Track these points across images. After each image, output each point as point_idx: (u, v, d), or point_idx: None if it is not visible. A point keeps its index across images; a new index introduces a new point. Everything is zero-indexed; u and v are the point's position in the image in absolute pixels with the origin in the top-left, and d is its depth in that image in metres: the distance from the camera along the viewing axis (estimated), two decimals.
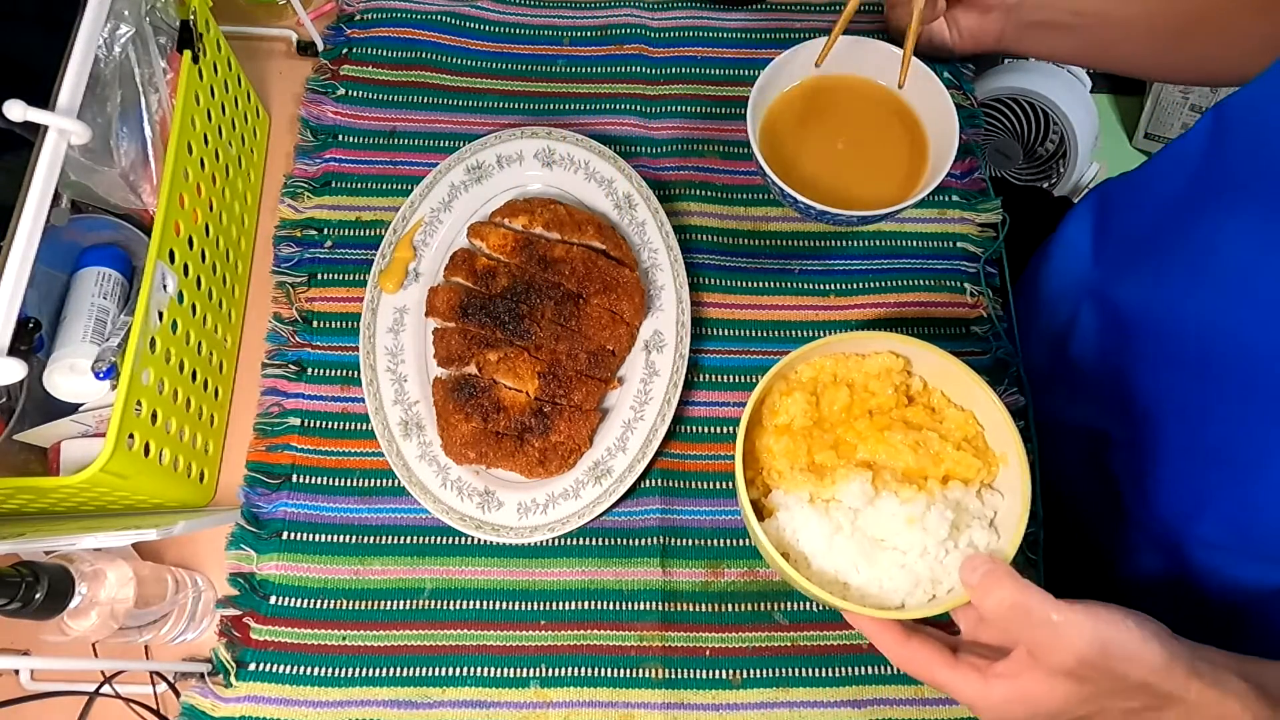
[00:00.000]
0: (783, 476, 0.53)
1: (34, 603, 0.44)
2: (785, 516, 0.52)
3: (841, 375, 0.56)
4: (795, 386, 0.56)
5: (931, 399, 0.56)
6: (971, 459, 0.52)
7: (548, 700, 0.56)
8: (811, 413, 0.55)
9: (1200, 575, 0.56)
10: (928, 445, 0.53)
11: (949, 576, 0.49)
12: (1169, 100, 1.50)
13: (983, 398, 0.52)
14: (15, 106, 0.43)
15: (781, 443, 0.54)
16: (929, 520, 0.50)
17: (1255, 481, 0.50)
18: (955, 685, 0.44)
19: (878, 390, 0.55)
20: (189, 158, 0.57)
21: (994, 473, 0.53)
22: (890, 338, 0.54)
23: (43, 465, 0.57)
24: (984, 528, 0.51)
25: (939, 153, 0.63)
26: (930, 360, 0.54)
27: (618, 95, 0.74)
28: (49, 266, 0.57)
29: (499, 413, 0.58)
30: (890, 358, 0.55)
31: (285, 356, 0.65)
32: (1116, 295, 0.62)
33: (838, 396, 0.55)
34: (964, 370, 0.53)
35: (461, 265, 0.62)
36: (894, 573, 0.49)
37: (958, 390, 0.55)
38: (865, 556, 0.50)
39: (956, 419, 0.54)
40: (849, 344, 0.55)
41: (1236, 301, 0.51)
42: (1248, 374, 0.50)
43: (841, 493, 0.52)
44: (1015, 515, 0.49)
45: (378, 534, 0.60)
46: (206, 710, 0.55)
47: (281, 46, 0.77)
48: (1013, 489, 0.51)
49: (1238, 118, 0.53)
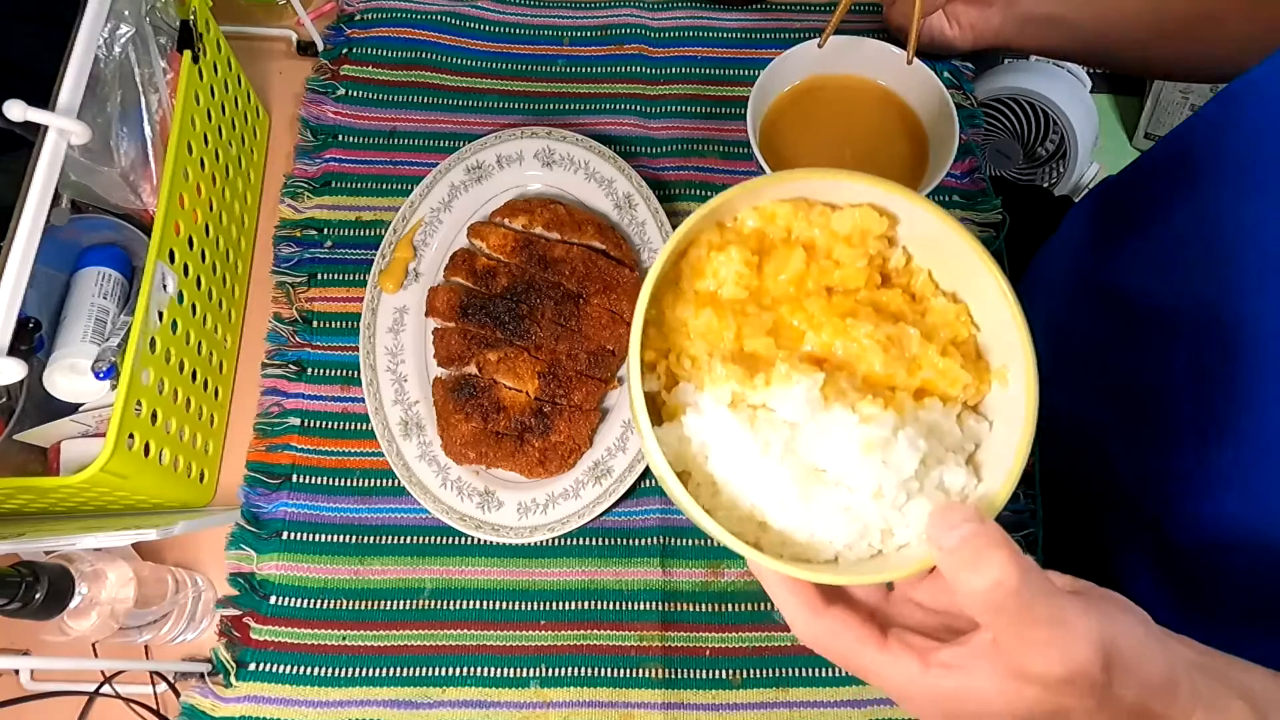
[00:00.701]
0: (697, 365, 0.39)
1: (34, 603, 0.44)
2: (695, 421, 0.38)
3: (799, 233, 0.41)
4: (732, 239, 0.40)
5: (914, 281, 0.42)
6: (958, 369, 0.39)
7: (548, 700, 0.56)
8: (749, 279, 0.40)
9: (1202, 561, 0.56)
10: (904, 344, 0.39)
11: (906, 529, 0.37)
12: (1169, 100, 1.50)
13: (989, 287, 0.38)
14: (15, 106, 0.43)
15: (703, 317, 0.39)
16: (895, 450, 0.36)
17: (1264, 465, 0.50)
18: (883, 672, 0.34)
19: (845, 259, 0.40)
20: (189, 158, 0.57)
21: (984, 391, 0.40)
22: (872, 181, 0.39)
23: (43, 465, 0.57)
24: (959, 465, 0.38)
25: (939, 153, 0.63)
26: (923, 224, 0.39)
27: (618, 95, 0.74)
28: (49, 266, 0.57)
29: (499, 413, 0.58)
30: (870, 214, 0.40)
31: (285, 356, 0.65)
32: (1119, 284, 0.62)
33: (789, 261, 0.40)
34: (969, 243, 0.38)
35: (461, 265, 0.62)
36: (834, 516, 0.36)
37: (954, 272, 0.41)
38: (798, 490, 0.36)
39: (944, 313, 0.40)
40: (816, 184, 0.40)
41: (1244, 285, 0.51)
42: (1256, 357, 0.50)
43: (777, 399, 0.37)
44: (1009, 452, 0.35)
45: (378, 534, 0.60)
46: (206, 710, 0.55)
47: (281, 46, 0.77)
48: (1009, 416, 0.37)
49: (1240, 105, 0.53)
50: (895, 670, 0.34)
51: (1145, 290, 0.59)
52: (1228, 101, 0.53)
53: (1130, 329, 0.61)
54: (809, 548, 0.37)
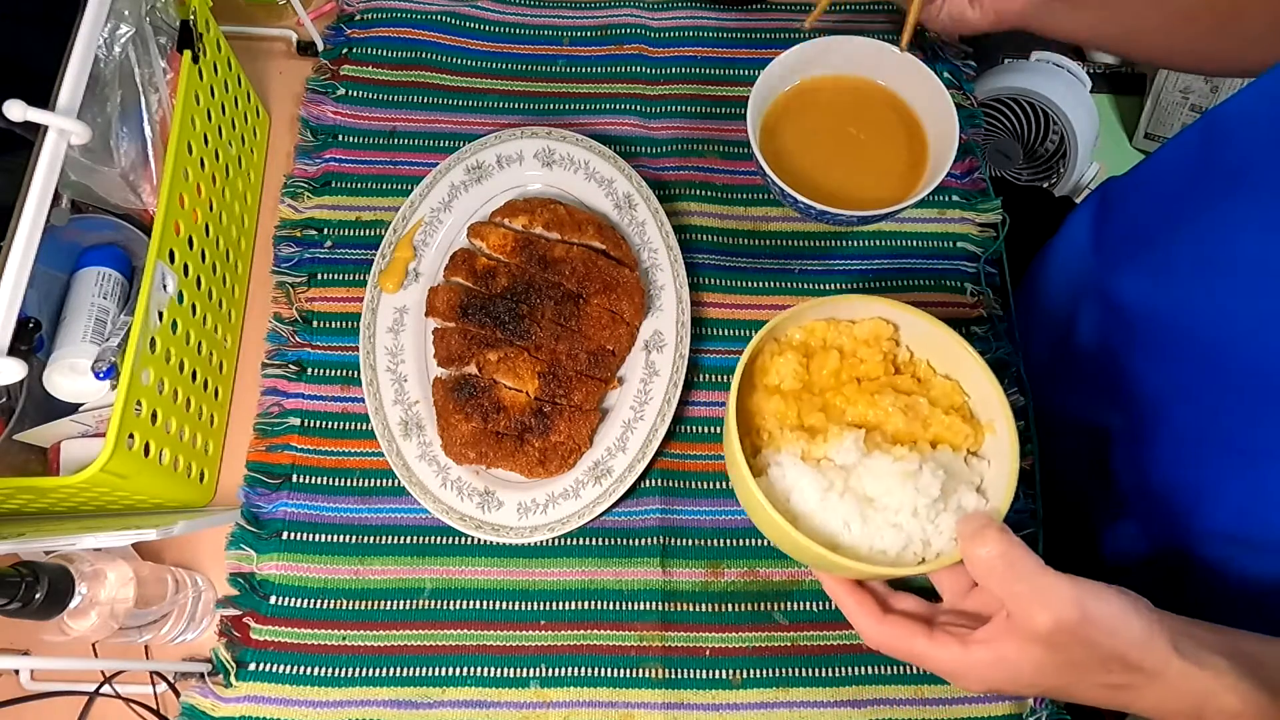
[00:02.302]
0: (773, 437, 0.53)
1: (34, 603, 0.44)
2: (777, 473, 0.51)
3: (831, 340, 0.56)
4: (787, 347, 0.55)
5: (918, 369, 0.56)
6: (960, 423, 0.53)
7: (548, 700, 0.56)
8: (801, 375, 0.54)
9: (1204, 568, 0.56)
10: (917, 409, 0.53)
11: (939, 537, 0.49)
12: (1169, 100, 1.50)
13: (971, 365, 0.52)
14: (15, 106, 0.43)
15: (772, 403, 0.53)
16: (922, 478, 0.49)
17: (1265, 470, 0.50)
18: (934, 656, 0.44)
19: (867, 357, 0.55)
20: (189, 158, 0.57)
21: (980, 440, 0.53)
22: (880, 302, 0.54)
23: (43, 465, 0.57)
24: (972, 491, 0.51)
25: (939, 153, 0.63)
26: (918, 328, 0.54)
27: (618, 95, 0.74)
28: (49, 266, 0.57)
29: (499, 413, 0.58)
30: (880, 324, 0.55)
31: (285, 356, 0.65)
32: (1120, 290, 0.62)
33: (828, 360, 0.55)
34: (952, 337, 0.52)
35: (461, 265, 0.62)
36: (885, 532, 0.49)
37: (945, 360, 0.55)
38: (857, 515, 0.49)
39: (943, 388, 0.54)
40: (840, 307, 0.55)
41: (1245, 291, 0.51)
42: (1257, 362, 0.50)
43: (833, 450, 0.51)
44: (1004, 481, 0.49)
45: (378, 534, 0.60)
46: (206, 710, 0.55)
47: (281, 46, 0.77)
48: (1000, 455, 0.51)
49: (1240, 112, 0.53)
50: (942, 653, 0.43)
51: (1147, 295, 0.59)
52: (1235, 107, 0.53)
53: (1133, 335, 0.60)
54: (871, 558, 0.48)
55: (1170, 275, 0.57)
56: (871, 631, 0.46)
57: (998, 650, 0.42)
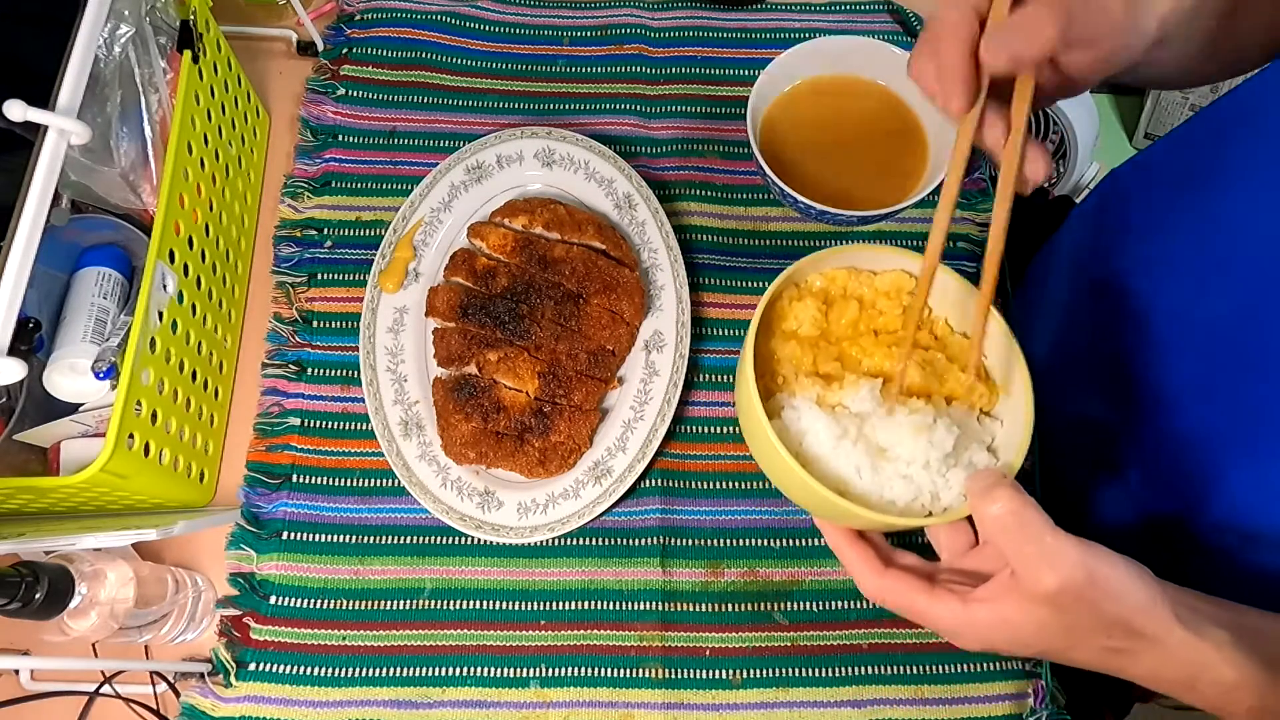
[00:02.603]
0: (787, 381, 0.52)
1: (34, 603, 0.44)
2: (791, 416, 0.50)
3: (852, 290, 0.55)
4: (806, 294, 0.54)
5: (936, 326, 0.55)
6: (975, 381, 0.51)
7: (548, 700, 0.56)
8: (819, 322, 0.54)
9: (1206, 561, 0.56)
10: (934, 364, 0.52)
11: (949, 492, 0.49)
12: (1169, 100, 1.50)
13: (991, 325, 0.51)
14: (15, 106, 0.43)
15: (788, 348, 0.53)
16: (936, 432, 0.49)
17: (1272, 461, 0.50)
18: (934, 613, 0.43)
19: (886, 309, 0.54)
20: (189, 158, 0.57)
21: (994, 400, 0.53)
22: (904, 254, 0.53)
23: (43, 465, 0.57)
24: (984, 450, 0.50)
25: (939, 153, 0.63)
26: (941, 282, 0.52)
27: (618, 95, 0.74)
28: (49, 266, 0.57)
29: (499, 413, 0.58)
30: (902, 276, 0.54)
31: (285, 356, 0.65)
32: (1125, 286, 0.62)
33: (847, 310, 0.54)
34: (974, 294, 0.51)
35: (461, 265, 0.62)
36: (895, 482, 0.48)
37: (965, 318, 0.54)
38: (869, 463, 0.48)
39: (959, 345, 0.54)
40: (863, 256, 0.54)
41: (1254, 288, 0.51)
42: (1262, 351, 0.50)
43: (849, 397, 0.50)
44: (1016, 442, 0.49)
45: (378, 534, 0.60)
46: (206, 710, 0.55)
47: (281, 46, 0.77)
48: (1014, 418, 0.50)
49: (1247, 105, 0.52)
50: (942, 609, 0.42)
51: (1152, 292, 0.59)
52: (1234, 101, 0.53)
53: (1135, 327, 0.60)
54: (880, 507, 0.48)
55: (1173, 270, 0.57)
56: (871, 584, 0.45)
57: (999, 610, 0.41)
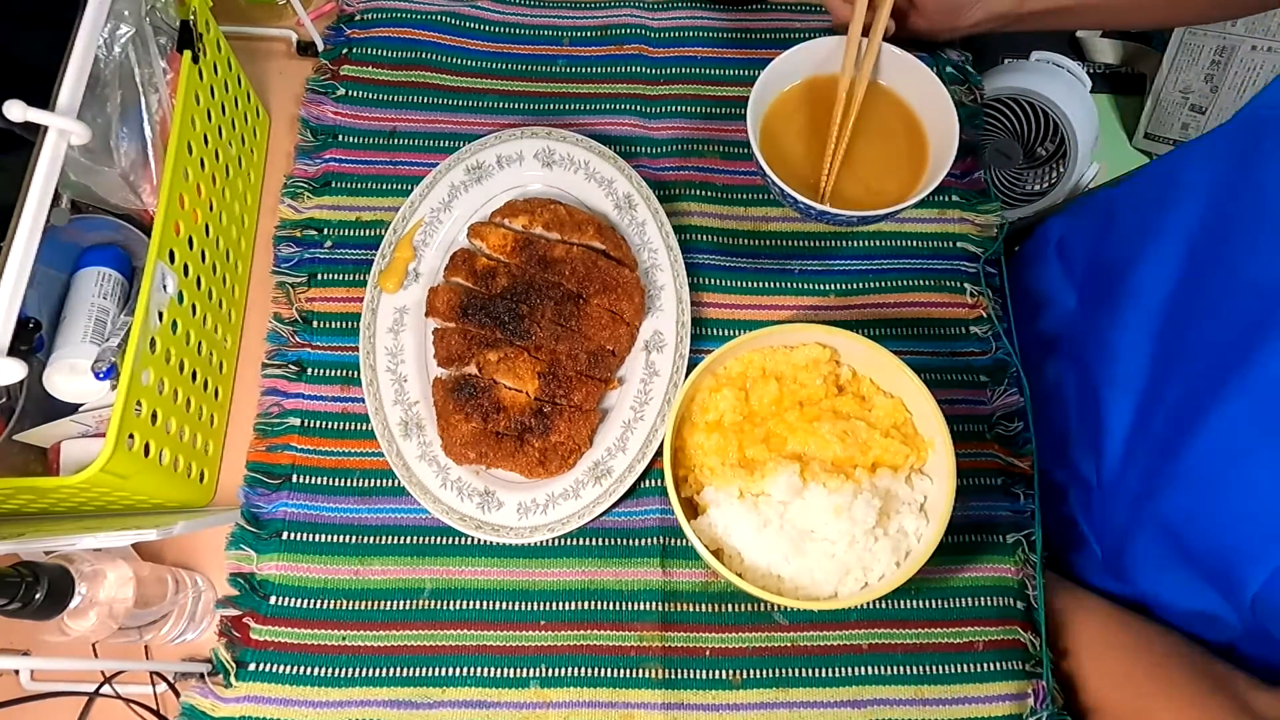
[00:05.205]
0: (714, 473, 0.54)
1: (34, 603, 0.44)
2: (716, 513, 0.53)
3: (770, 368, 0.57)
4: (724, 382, 0.57)
5: (861, 387, 0.57)
6: (899, 445, 0.54)
7: (548, 700, 0.56)
8: (742, 407, 0.56)
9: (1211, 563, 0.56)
10: (855, 434, 0.54)
11: (879, 563, 0.51)
12: (1169, 100, 1.50)
13: (909, 385, 0.54)
14: (15, 106, 0.43)
15: (712, 439, 0.55)
16: (855, 509, 0.51)
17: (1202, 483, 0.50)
18: None
19: (807, 381, 0.56)
20: (189, 158, 0.57)
21: (924, 458, 0.54)
22: (815, 329, 0.55)
23: (43, 465, 0.57)
24: (914, 513, 0.52)
25: (939, 153, 0.63)
26: (856, 350, 0.55)
27: (618, 95, 0.74)
28: (49, 266, 0.57)
29: (499, 413, 0.58)
30: (817, 349, 0.57)
31: (285, 356, 0.65)
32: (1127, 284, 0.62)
33: (767, 390, 0.56)
34: (889, 358, 0.54)
35: (461, 265, 0.62)
36: (824, 563, 0.51)
37: (886, 378, 0.56)
38: (795, 548, 0.51)
39: (885, 406, 0.56)
40: (776, 337, 0.56)
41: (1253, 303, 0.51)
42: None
43: (770, 486, 0.53)
44: (943, 499, 0.51)
45: (378, 534, 0.60)
46: (206, 710, 0.55)
47: (281, 46, 0.77)
48: (940, 473, 0.52)
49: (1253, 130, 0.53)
50: None
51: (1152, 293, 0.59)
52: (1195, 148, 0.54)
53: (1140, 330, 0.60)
54: (812, 588, 0.52)
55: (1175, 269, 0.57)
56: None
57: None
